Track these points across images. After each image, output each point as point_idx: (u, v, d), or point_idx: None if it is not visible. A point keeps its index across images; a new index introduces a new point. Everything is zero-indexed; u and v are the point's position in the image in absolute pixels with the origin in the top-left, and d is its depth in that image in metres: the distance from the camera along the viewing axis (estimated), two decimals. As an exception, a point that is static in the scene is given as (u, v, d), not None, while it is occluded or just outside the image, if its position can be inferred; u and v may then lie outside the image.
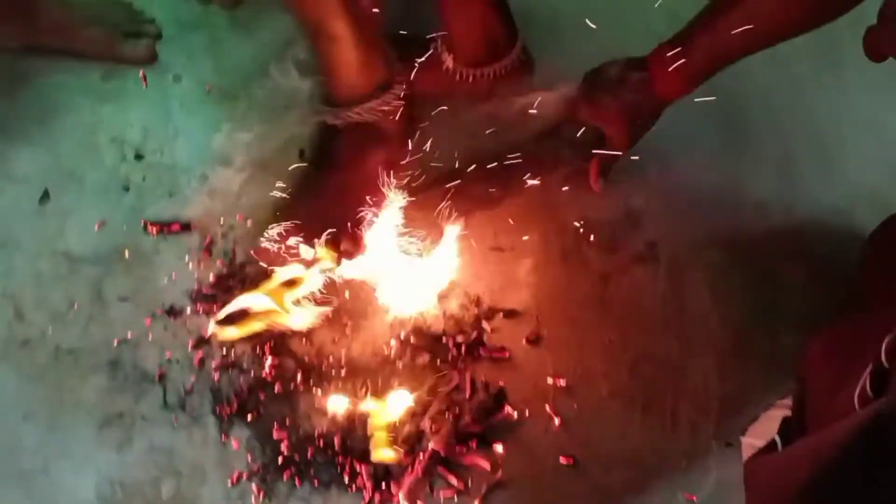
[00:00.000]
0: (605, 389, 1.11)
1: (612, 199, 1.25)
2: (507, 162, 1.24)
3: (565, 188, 1.23)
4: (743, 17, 1.00)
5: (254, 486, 1.03)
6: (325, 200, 1.17)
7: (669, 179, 1.27)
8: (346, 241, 1.12)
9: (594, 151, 1.21)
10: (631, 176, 1.26)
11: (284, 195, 1.19)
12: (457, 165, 1.22)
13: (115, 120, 1.29)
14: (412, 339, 1.12)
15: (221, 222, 1.21)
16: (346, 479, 1.04)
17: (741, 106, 1.34)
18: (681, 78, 1.11)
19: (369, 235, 1.12)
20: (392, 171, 1.13)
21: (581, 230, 1.23)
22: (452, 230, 1.17)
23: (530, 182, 1.23)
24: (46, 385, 1.09)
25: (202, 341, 1.12)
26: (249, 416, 1.07)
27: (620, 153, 1.21)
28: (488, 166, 1.23)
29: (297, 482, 1.04)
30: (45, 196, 1.22)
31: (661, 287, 1.19)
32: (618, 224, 1.24)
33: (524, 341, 1.14)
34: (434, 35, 1.24)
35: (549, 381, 1.11)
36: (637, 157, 1.22)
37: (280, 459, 1.05)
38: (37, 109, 1.28)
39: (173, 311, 1.14)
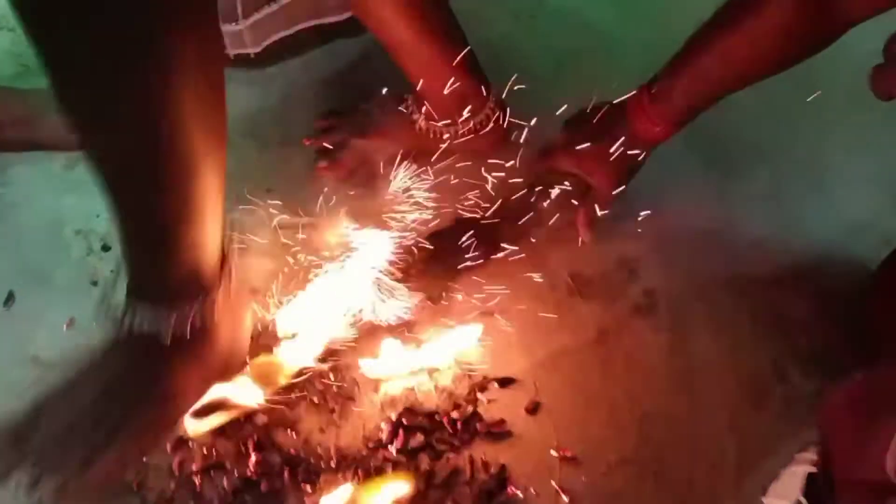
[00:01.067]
0: (613, 457, 1.04)
1: (604, 250, 1.20)
2: (486, 221, 1.19)
3: (552, 243, 1.17)
4: (717, 60, 0.96)
5: None
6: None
7: (661, 223, 1.21)
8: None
9: (579, 203, 1.16)
10: (621, 223, 1.20)
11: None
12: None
13: (80, 211, 1.24)
14: (404, 420, 1.05)
15: (195, 310, 1.15)
16: (345, 581, 0.96)
17: (726, 137, 1.30)
18: (663, 121, 1.07)
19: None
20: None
21: (573, 285, 1.17)
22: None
23: (513, 241, 1.18)
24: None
25: (181, 443, 1.05)
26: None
27: (607, 201, 1.16)
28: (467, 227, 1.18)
29: None
30: (10, 298, 1.17)
31: (664, 338, 1.13)
32: (612, 275, 1.18)
33: (523, 411, 1.07)
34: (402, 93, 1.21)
35: (554, 453, 1.04)
36: (625, 204, 1.17)
37: (270, 572, 0.97)
38: (-4, 205, 1.23)
39: (149, 414, 1.07)
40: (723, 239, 1.20)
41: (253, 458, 1.04)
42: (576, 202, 1.17)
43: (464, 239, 1.16)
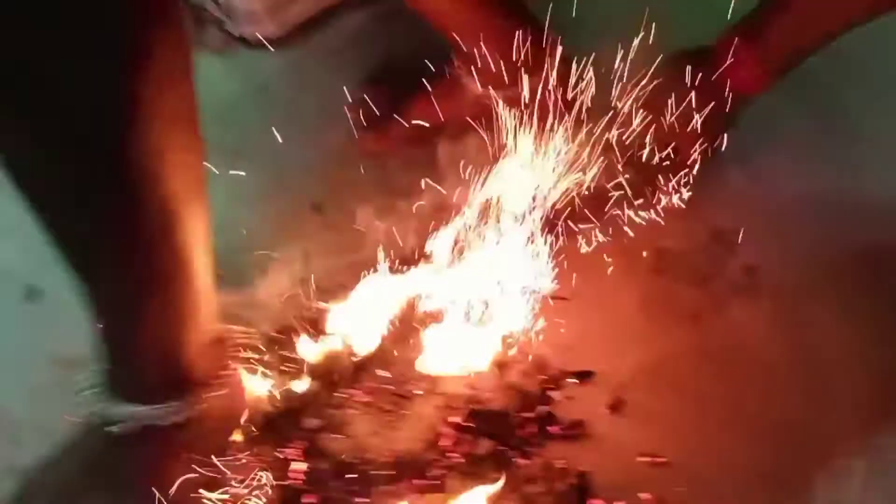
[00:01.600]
0: (713, 462, 0.89)
1: (694, 222, 1.03)
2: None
3: (633, 218, 1.01)
4: None
5: None
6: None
7: (762, 187, 1.04)
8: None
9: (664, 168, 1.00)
10: (713, 190, 1.03)
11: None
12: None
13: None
14: (469, 423, 0.92)
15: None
16: None
17: (833, 82, 1.11)
18: (759, 68, 0.91)
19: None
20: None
21: (659, 263, 1.01)
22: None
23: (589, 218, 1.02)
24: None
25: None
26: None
27: (696, 165, 1.00)
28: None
29: None
30: (33, 291, 1.06)
31: (770, 323, 0.96)
32: (704, 251, 1.02)
33: (605, 410, 0.92)
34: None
35: (643, 458, 0.89)
36: (718, 167, 1.01)
37: None
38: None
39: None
40: (840, 201, 1.02)
41: (298, 466, 0.91)
42: (659, 169, 1.01)
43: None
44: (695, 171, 1.01)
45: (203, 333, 0.70)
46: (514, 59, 0.98)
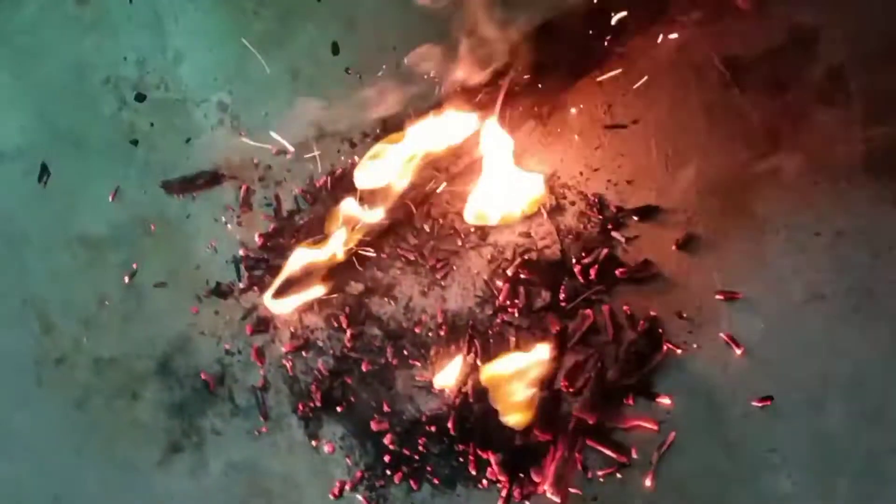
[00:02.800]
0: (798, 293, 0.80)
1: (768, 21, 0.88)
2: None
3: (696, 19, 0.87)
4: None
5: (360, 498, 0.82)
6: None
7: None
8: None
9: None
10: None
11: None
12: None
13: (103, 55, 1.02)
14: (523, 275, 0.84)
15: (256, 162, 0.94)
16: (474, 472, 0.80)
17: None
18: None
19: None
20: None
21: (728, 74, 0.87)
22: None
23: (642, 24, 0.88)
24: (94, 409, 0.90)
25: (263, 323, 0.89)
26: (339, 409, 0.85)
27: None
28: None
29: (413, 484, 0.82)
30: (45, 171, 0.99)
31: (860, 134, 0.83)
32: (782, 53, 0.87)
33: (674, 247, 0.83)
34: None
35: (719, 296, 0.81)
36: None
37: (387, 458, 0.82)
38: (9, 62, 1.02)
39: (221, 290, 0.91)
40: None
41: (348, 333, 0.86)
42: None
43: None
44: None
45: None
46: None
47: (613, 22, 0.86)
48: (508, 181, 0.86)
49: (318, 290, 0.87)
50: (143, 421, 0.88)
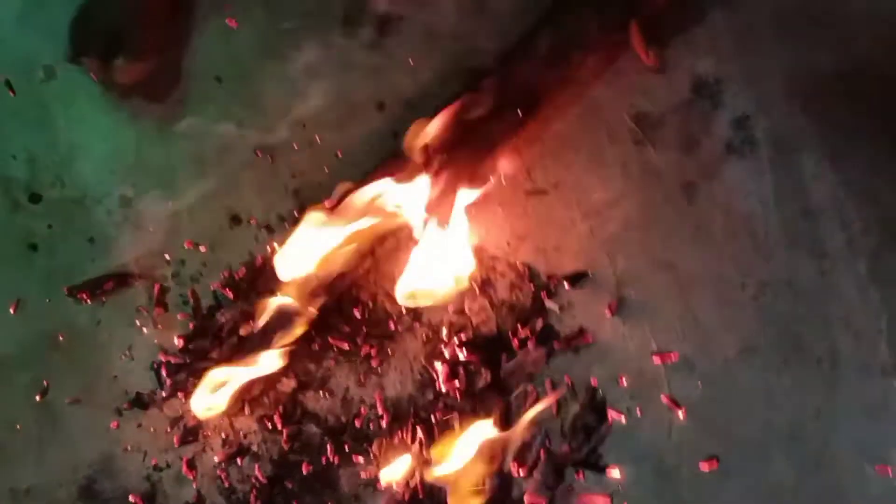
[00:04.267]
0: (731, 348, 0.82)
1: (672, 74, 0.90)
2: (513, 65, 0.88)
3: (601, 79, 0.88)
4: None
5: None
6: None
7: (743, 19, 0.90)
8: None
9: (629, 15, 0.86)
10: (690, 32, 0.89)
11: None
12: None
13: (-11, 154, 0.95)
14: (461, 354, 0.82)
15: (167, 258, 0.90)
16: (431, 568, 0.78)
17: None
18: None
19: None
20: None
21: (640, 131, 0.88)
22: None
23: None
24: (15, 548, 0.83)
25: (191, 433, 0.84)
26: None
27: (667, 8, 0.86)
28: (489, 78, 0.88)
29: (368, 588, 0.79)
30: (-69, 287, 0.91)
31: (770, 181, 0.86)
32: (688, 106, 0.89)
33: (607, 312, 0.83)
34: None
35: (656, 359, 0.81)
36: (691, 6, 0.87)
37: (339, 564, 0.79)
38: None
39: (142, 401, 0.86)
40: (827, 23, 0.88)
41: (284, 433, 0.83)
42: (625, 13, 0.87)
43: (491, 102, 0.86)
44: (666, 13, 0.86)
45: None
46: None
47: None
48: (439, 257, 0.84)
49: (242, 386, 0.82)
50: (70, 557, 0.82)
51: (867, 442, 0.79)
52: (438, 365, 0.83)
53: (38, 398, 0.87)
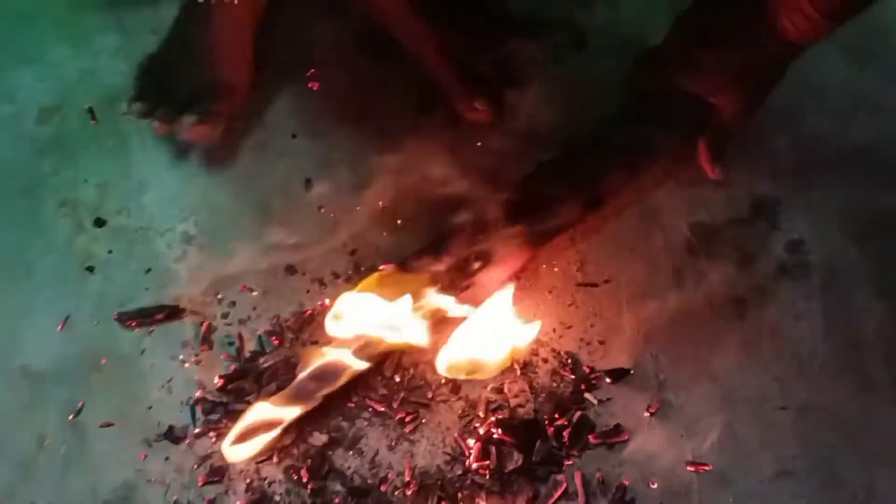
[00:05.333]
0: (767, 469, 0.81)
1: (733, 191, 0.93)
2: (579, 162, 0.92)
3: (664, 188, 0.90)
4: None
5: None
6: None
7: (806, 149, 0.93)
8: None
9: (700, 129, 0.89)
10: (754, 154, 0.93)
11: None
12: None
13: (61, 177, 0.98)
14: (496, 434, 0.82)
15: (220, 297, 0.91)
16: None
17: (883, 27, 0.99)
18: (820, 11, 0.78)
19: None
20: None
21: (696, 240, 0.91)
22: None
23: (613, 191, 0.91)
24: (24, 566, 0.82)
25: (217, 473, 0.84)
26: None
27: (738, 127, 0.89)
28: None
29: None
30: (-14, 295, 0.93)
31: (820, 307, 0.87)
32: (745, 224, 0.92)
33: (646, 413, 0.83)
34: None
35: (690, 468, 0.81)
36: (758, 130, 0.90)
37: None
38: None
39: (174, 435, 0.86)
40: (887, 161, 0.91)
41: (308, 488, 0.82)
42: (694, 131, 0.90)
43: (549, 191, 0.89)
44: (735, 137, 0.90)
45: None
46: None
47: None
48: (484, 336, 0.85)
49: (274, 438, 0.83)
50: (76, 582, 0.81)
51: (897, 583, 0.77)
52: (471, 441, 0.83)
53: (70, 417, 0.87)
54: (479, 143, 0.95)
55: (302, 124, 0.99)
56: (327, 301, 0.90)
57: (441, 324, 0.86)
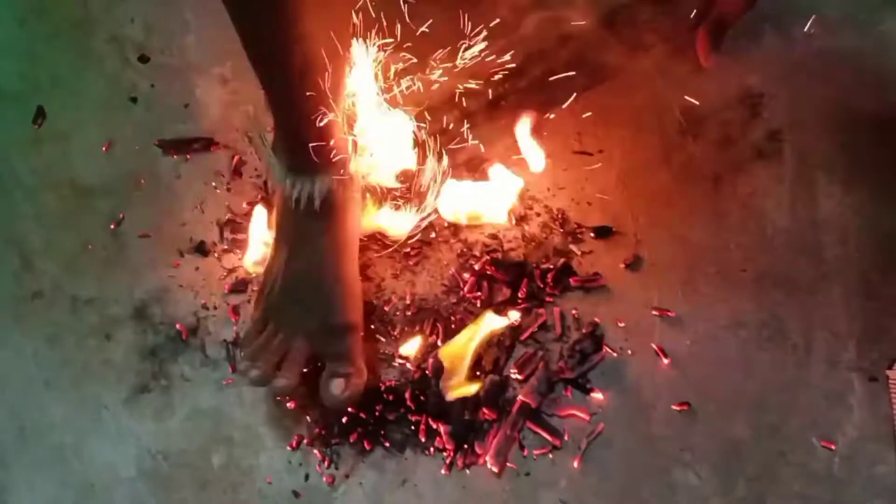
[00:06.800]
0: (722, 319, 0.93)
1: (724, 79, 1.02)
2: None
3: (663, 68, 0.99)
4: None
5: (316, 452, 0.89)
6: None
7: (795, 48, 1.02)
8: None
9: (700, 17, 0.97)
10: (746, 47, 1.02)
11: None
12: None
13: (111, 14, 1.07)
14: (488, 270, 0.93)
15: (249, 136, 1.01)
16: (423, 440, 0.89)
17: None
18: None
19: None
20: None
21: (685, 122, 1.00)
22: (522, 127, 0.96)
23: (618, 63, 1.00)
24: (66, 346, 0.94)
25: (240, 284, 0.95)
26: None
27: (735, 16, 0.98)
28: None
29: (365, 445, 0.89)
30: (40, 115, 1.03)
31: (788, 189, 0.97)
32: (731, 111, 1.01)
33: (621, 265, 0.95)
34: None
35: (655, 312, 0.92)
36: (751, 24, 0.98)
37: (344, 419, 0.90)
38: (16, 10, 1.06)
39: (204, 249, 0.97)
40: (870, 69, 1.00)
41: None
42: (696, 17, 0.98)
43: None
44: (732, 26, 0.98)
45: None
46: None
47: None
48: (487, 188, 0.96)
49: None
50: (114, 361, 0.93)
51: (819, 421, 0.89)
52: (466, 275, 0.94)
53: (112, 226, 0.98)
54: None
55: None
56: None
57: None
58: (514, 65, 0.97)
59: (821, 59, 1.03)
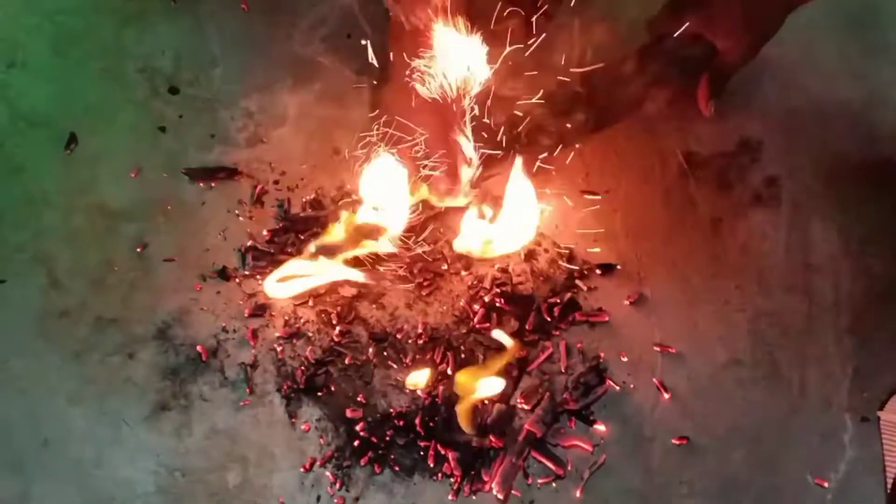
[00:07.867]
0: (721, 357, 0.97)
1: (724, 127, 1.07)
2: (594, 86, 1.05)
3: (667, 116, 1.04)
4: None
5: (328, 474, 0.92)
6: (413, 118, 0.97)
7: (792, 99, 1.08)
8: (444, 177, 0.96)
9: (702, 68, 1.02)
10: (746, 98, 1.07)
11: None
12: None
13: (142, 45, 1.12)
14: (498, 302, 0.98)
15: (273, 166, 1.06)
16: (432, 465, 0.92)
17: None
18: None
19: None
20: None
21: (687, 166, 1.05)
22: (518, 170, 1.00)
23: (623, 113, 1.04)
24: (90, 362, 0.97)
25: (260, 309, 0.99)
26: (319, 394, 0.95)
27: (735, 69, 1.03)
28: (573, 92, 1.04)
29: (376, 468, 0.93)
30: (72, 140, 1.07)
31: (784, 233, 1.02)
32: (731, 157, 1.06)
33: (625, 302, 0.99)
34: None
35: (656, 348, 0.97)
36: (752, 76, 1.04)
37: (356, 442, 0.93)
38: (50, 38, 1.11)
39: (226, 274, 1.01)
40: (864, 120, 1.06)
41: (337, 329, 0.97)
42: (699, 68, 1.03)
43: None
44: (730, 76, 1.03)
45: None
46: None
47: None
48: (498, 225, 1.00)
49: (312, 284, 0.97)
50: (135, 379, 0.96)
51: (813, 459, 0.93)
52: (476, 307, 0.98)
53: (138, 249, 1.02)
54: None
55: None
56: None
57: (460, 211, 1.00)
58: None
59: (817, 109, 1.08)
